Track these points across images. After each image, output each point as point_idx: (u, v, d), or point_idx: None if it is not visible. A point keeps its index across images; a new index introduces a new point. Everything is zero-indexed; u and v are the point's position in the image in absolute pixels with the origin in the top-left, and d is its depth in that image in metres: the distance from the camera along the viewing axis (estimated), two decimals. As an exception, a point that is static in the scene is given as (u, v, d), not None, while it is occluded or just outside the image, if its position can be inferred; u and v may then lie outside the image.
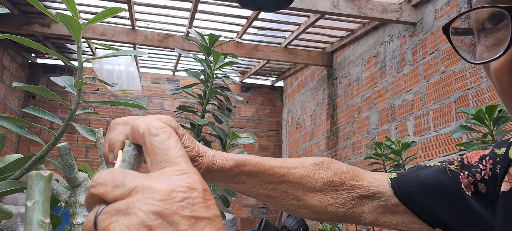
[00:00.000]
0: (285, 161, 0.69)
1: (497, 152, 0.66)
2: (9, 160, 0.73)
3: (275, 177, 0.67)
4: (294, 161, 0.70)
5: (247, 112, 5.94)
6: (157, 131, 0.37)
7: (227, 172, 0.63)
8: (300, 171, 0.69)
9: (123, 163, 0.41)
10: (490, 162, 0.66)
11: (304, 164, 0.71)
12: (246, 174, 0.65)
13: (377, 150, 2.20)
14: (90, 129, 0.80)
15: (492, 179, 0.64)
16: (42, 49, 0.73)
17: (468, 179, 0.67)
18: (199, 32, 1.46)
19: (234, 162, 0.63)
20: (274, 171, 0.67)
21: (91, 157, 5.32)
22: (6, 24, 3.88)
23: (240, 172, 0.64)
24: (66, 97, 5.03)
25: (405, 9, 3.32)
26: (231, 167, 0.63)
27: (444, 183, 0.68)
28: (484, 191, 0.65)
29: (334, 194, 0.71)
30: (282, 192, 0.68)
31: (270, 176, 0.66)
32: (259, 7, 2.71)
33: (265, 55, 4.55)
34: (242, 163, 0.64)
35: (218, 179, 0.63)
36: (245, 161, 0.64)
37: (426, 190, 0.69)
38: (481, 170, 0.66)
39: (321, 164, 0.72)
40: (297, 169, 0.69)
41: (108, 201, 0.33)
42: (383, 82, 3.64)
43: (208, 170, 0.61)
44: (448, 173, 0.69)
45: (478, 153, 0.69)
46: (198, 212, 0.32)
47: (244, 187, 0.66)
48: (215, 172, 0.62)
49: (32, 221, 0.37)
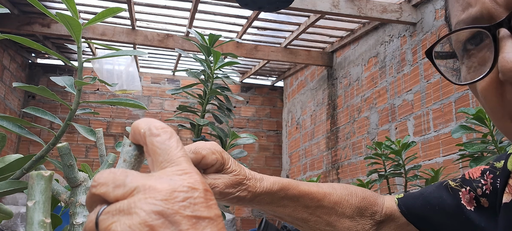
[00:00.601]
0: (319, 186, 0.70)
1: (496, 165, 0.68)
2: (9, 160, 0.73)
3: (313, 201, 0.68)
4: (327, 186, 0.71)
5: (247, 112, 5.94)
6: (158, 131, 0.37)
7: (274, 195, 0.64)
8: (333, 197, 0.70)
9: (124, 163, 0.41)
10: (490, 176, 0.67)
11: (336, 190, 0.71)
12: (289, 198, 0.65)
13: (377, 150, 2.20)
14: (90, 129, 0.80)
15: (493, 193, 0.66)
16: (42, 49, 0.73)
17: (470, 194, 0.68)
18: (199, 32, 1.46)
19: (280, 186, 0.64)
20: (312, 195, 0.67)
21: (91, 157, 5.32)
22: (6, 24, 3.88)
23: (284, 196, 0.65)
24: (66, 97, 5.03)
25: (405, 9, 3.32)
26: (277, 190, 0.64)
27: (445, 200, 0.70)
28: (486, 206, 0.66)
29: (361, 221, 0.72)
30: (317, 216, 0.69)
31: (309, 200, 0.67)
32: (259, 7, 2.71)
33: (265, 55, 4.55)
34: (286, 187, 0.65)
35: (265, 202, 0.64)
36: (288, 185, 0.65)
37: (429, 207, 0.71)
38: (483, 185, 0.67)
39: (348, 189, 0.73)
40: (331, 194, 0.70)
41: (110, 201, 0.33)
42: (383, 82, 3.64)
43: (255, 193, 0.62)
44: (449, 190, 0.71)
45: (480, 168, 0.70)
46: (200, 212, 0.32)
47: (286, 211, 0.67)
48: (263, 195, 0.63)
49: (33, 221, 0.37)
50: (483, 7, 0.45)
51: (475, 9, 0.45)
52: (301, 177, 5.18)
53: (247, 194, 0.61)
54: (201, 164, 0.58)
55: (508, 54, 0.42)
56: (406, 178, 2.11)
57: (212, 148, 0.59)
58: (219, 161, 0.59)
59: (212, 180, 0.59)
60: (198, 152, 0.58)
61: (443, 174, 2.24)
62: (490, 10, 0.44)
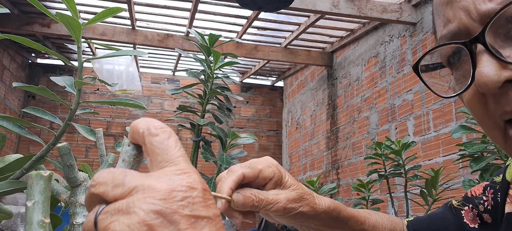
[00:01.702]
0: (359, 210, 0.71)
1: (496, 180, 0.69)
2: (9, 160, 0.73)
3: (357, 223, 0.68)
4: (362, 211, 0.72)
5: (247, 112, 5.94)
6: (157, 130, 0.37)
7: (330, 214, 0.63)
8: (371, 221, 0.70)
9: (123, 163, 0.41)
10: (491, 191, 0.68)
11: (371, 214, 0.72)
12: (341, 219, 0.65)
13: (377, 150, 2.20)
14: (90, 129, 0.80)
15: (494, 207, 0.67)
16: (42, 49, 0.73)
17: (473, 211, 0.69)
18: (199, 32, 1.46)
19: (334, 205, 0.64)
20: (357, 218, 0.67)
21: (91, 157, 5.32)
22: (6, 24, 3.88)
23: (337, 217, 0.64)
24: (66, 97, 5.03)
25: (405, 9, 3.32)
26: (333, 209, 0.63)
27: (448, 220, 0.71)
28: (489, 221, 0.67)
29: None
30: None
31: (354, 222, 0.67)
32: (259, 7, 2.71)
33: (265, 55, 4.55)
34: (338, 207, 0.65)
35: (323, 221, 0.63)
36: (339, 206, 0.65)
37: (434, 228, 0.72)
38: (484, 201, 0.68)
39: (378, 213, 0.74)
40: (369, 218, 0.70)
41: (109, 201, 0.33)
42: (383, 82, 3.64)
43: (316, 210, 0.61)
44: (452, 210, 0.72)
45: (482, 185, 0.72)
46: (198, 211, 0.32)
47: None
48: (323, 214, 0.62)
49: (32, 221, 0.37)
50: (460, 23, 0.46)
51: (454, 25, 0.47)
52: (301, 177, 5.18)
53: (309, 210, 0.60)
54: (259, 178, 0.57)
55: (483, 68, 0.43)
56: (406, 178, 2.11)
57: (268, 162, 0.58)
58: (277, 174, 0.58)
59: (274, 195, 0.57)
60: (254, 166, 0.57)
61: (443, 174, 2.24)
62: (466, 25, 0.45)
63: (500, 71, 0.43)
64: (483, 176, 1.56)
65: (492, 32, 0.44)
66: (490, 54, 0.43)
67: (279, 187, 0.59)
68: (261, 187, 0.59)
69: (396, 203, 3.21)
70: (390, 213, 3.29)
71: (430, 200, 1.94)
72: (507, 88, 0.44)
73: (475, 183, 1.66)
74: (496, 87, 0.43)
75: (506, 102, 0.44)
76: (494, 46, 0.44)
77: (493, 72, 0.42)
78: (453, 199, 0.75)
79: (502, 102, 0.44)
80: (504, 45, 0.44)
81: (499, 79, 0.43)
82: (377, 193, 3.55)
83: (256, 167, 0.57)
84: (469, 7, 0.45)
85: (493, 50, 0.43)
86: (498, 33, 0.44)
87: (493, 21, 0.43)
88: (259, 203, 0.56)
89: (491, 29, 0.43)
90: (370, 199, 2.31)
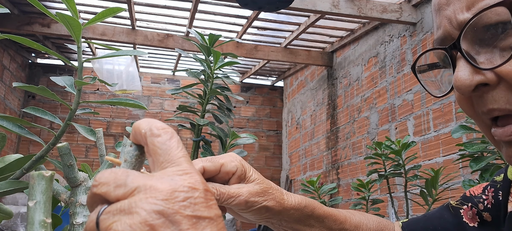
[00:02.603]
0: (339, 210, 0.70)
1: (496, 179, 0.69)
2: (9, 160, 0.73)
3: (336, 223, 0.67)
4: (345, 211, 0.71)
5: (247, 112, 5.94)
6: (159, 131, 0.37)
7: (302, 211, 0.62)
8: (353, 220, 0.69)
9: (125, 163, 0.41)
10: (491, 190, 0.69)
11: (354, 215, 0.71)
12: (315, 217, 0.64)
13: (377, 150, 2.20)
14: (90, 129, 0.80)
15: (495, 206, 0.67)
16: (42, 49, 0.73)
17: (472, 210, 0.69)
18: (199, 32, 1.46)
19: (306, 202, 0.63)
20: (335, 217, 0.67)
21: (91, 157, 5.32)
22: (6, 24, 3.88)
23: (311, 214, 0.63)
24: (66, 97, 5.03)
25: (405, 9, 3.32)
26: (304, 206, 0.62)
27: (446, 219, 0.71)
28: (489, 220, 0.67)
29: None
30: None
31: (332, 221, 0.66)
32: (259, 7, 2.71)
33: (265, 55, 4.55)
34: (311, 205, 0.64)
35: (293, 218, 0.62)
36: (313, 203, 0.64)
37: (431, 228, 0.72)
38: (484, 200, 0.69)
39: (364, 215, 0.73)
40: (351, 218, 0.70)
41: (110, 201, 0.33)
42: (383, 82, 3.64)
43: (283, 205, 0.60)
44: (450, 210, 0.72)
45: (482, 185, 0.72)
46: (200, 212, 0.32)
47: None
48: (293, 210, 0.61)
49: (33, 221, 0.37)
50: (445, 30, 0.50)
51: (441, 31, 0.51)
52: (301, 177, 5.18)
53: (275, 204, 0.59)
54: (221, 172, 0.57)
55: (458, 73, 0.47)
56: (406, 178, 2.11)
57: (230, 157, 0.58)
58: (240, 169, 0.58)
59: (236, 189, 0.57)
60: (216, 160, 0.57)
61: (443, 174, 2.24)
62: (449, 32, 0.49)
63: (473, 76, 0.47)
64: (483, 176, 1.56)
65: (469, 39, 0.47)
66: (465, 60, 0.47)
67: (243, 182, 0.58)
68: (225, 182, 0.58)
69: (396, 203, 3.21)
70: (390, 213, 3.29)
71: (430, 200, 1.94)
72: (481, 91, 0.48)
73: (475, 183, 1.66)
74: (469, 90, 0.47)
75: (482, 104, 0.49)
76: (470, 52, 0.48)
77: (466, 77, 0.47)
78: (450, 200, 0.75)
79: (479, 104, 0.49)
80: (481, 50, 0.47)
81: (471, 84, 0.47)
82: (377, 193, 3.55)
83: (217, 161, 0.57)
84: (451, 16, 0.49)
85: (467, 56, 0.47)
86: (475, 40, 0.47)
87: (469, 29, 0.46)
88: (220, 197, 0.55)
89: (467, 36, 0.47)
90: (370, 199, 2.31)
